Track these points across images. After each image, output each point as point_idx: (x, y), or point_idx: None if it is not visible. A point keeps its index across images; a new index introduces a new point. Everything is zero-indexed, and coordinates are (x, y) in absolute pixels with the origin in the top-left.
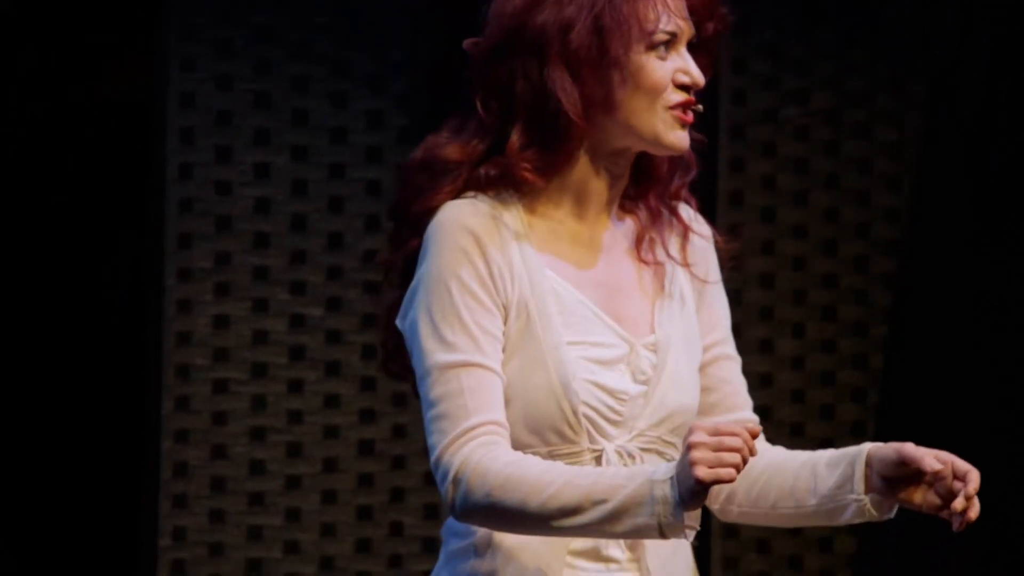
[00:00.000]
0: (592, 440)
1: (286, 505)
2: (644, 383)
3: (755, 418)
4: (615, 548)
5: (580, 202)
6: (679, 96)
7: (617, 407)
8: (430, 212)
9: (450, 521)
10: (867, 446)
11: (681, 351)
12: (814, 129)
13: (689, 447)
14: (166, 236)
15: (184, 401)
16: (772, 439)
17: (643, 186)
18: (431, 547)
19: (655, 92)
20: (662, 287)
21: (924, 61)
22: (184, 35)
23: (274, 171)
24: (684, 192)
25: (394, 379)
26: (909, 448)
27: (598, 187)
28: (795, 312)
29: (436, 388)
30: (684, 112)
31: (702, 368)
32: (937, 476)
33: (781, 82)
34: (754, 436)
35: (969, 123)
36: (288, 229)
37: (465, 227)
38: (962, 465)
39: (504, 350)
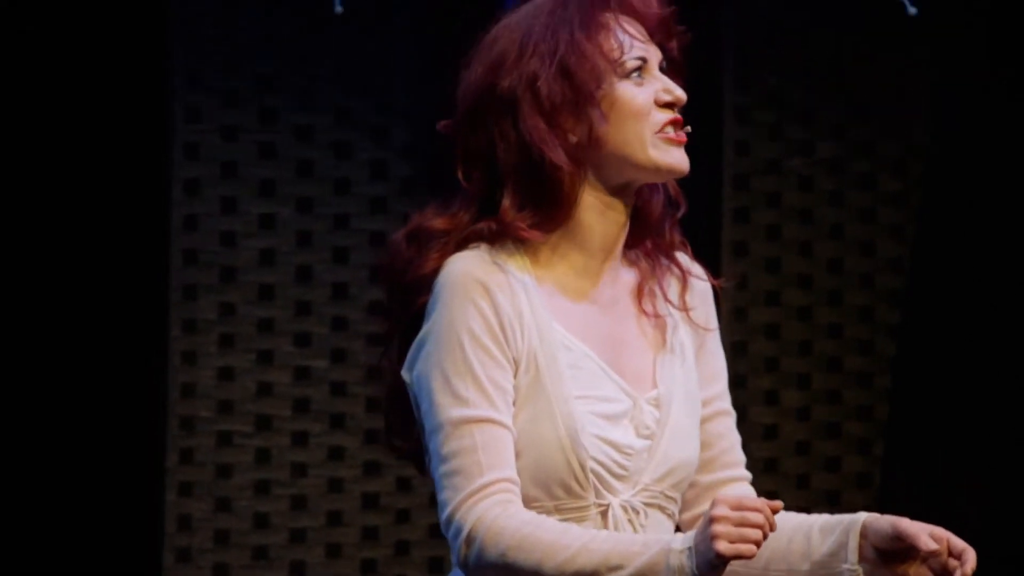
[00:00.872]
0: (598, 495)
1: (291, 559)
2: (648, 438)
3: (748, 475)
4: None
5: (585, 251)
6: (665, 115)
7: (623, 462)
8: (421, 279)
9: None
10: (863, 516)
11: (682, 405)
12: (818, 179)
13: (711, 520)
14: (170, 287)
15: (188, 453)
16: (778, 491)
17: (639, 232)
18: None
19: (639, 117)
20: (664, 340)
21: (927, 110)
22: (189, 85)
23: (279, 222)
24: (678, 236)
25: (399, 457)
26: (905, 523)
27: (602, 233)
28: (801, 363)
29: (449, 443)
30: (675, 132)
31: (700, 423)
32: (932, 554)
33: (785, 132)
34: (775, 511)
35: (971, 171)
36: (293, 280)
37: (474, 278)
38: (958, 543)
39: (514, 403)
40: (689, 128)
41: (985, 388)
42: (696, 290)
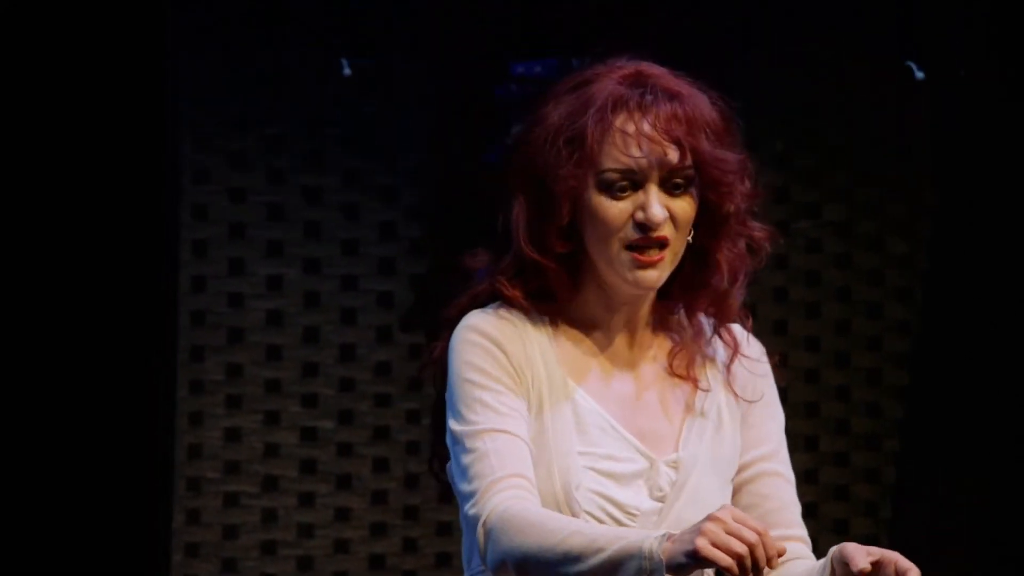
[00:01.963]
0: None
1: None
2: (660, 500)
3: (803, 536)
4: None
5: (605, 318)
6: (636, 234)
7: (626, 522)
8: (451, 319)
9: None
10: (835, 547)
11: (708, 471)
12: (825, 241)
13: (707, 517)
14: (178, 348)
15: (195, 514)
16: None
17: (693, 304)
18: None
19: (607, 232)
20: (695, 405)
21: (934, 171)
22: (197, 146)
23: (286, 283)
24: (736, 308)
25: (437, 480)
26: (849, 547)
27: (615, 308)
28: (808, 425)
29: (464, 458)
30: (641, 253)
31: (743, 485)
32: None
33: (792, 194)
34: (780, 554)
35: (978, 234)
36: (300, 341)
37: (481, 331)
38: (904, 564)
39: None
40: (663, 248)
41: (992, 451)
42: (744, 364)
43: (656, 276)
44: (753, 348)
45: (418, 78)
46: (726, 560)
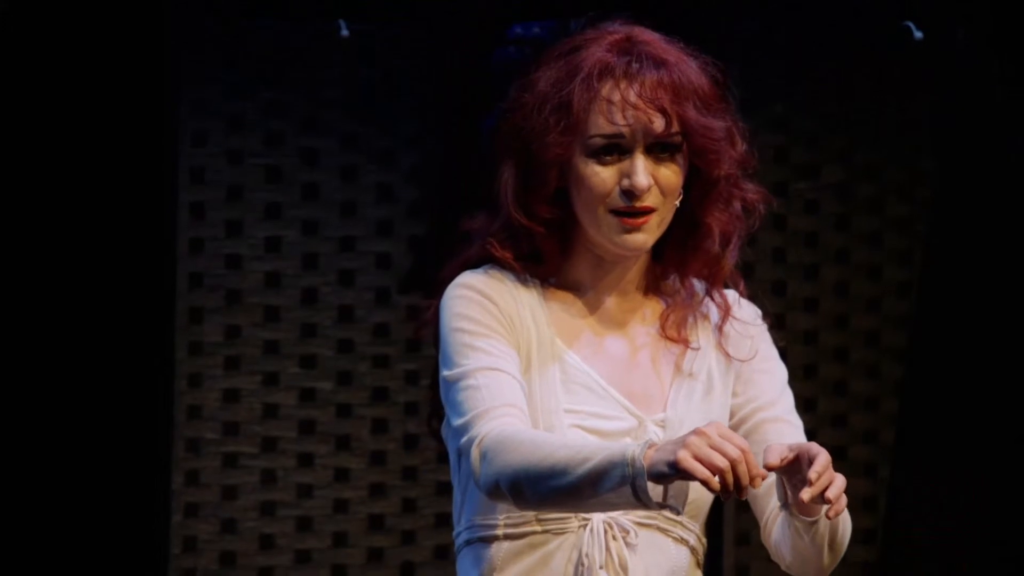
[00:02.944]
0: None
1: None
2: None
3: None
4: None
5: (595, 281)
6: (622, 202)
7: None
8: (443, 282)
9: None
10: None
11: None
12: (824, 203)
13: (693, 431)
14: (176, 310)
15: (194, 475)
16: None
17: (682, 261)
18: None
19: (593, 197)
20: (685, 367)
21: (934, 135)
22: (195, 110)
23: (284, 245)
24: (729, 271)
25: (436, 439)
26: (768, 449)
27: (604, 273)
28: (806, 387)
29: (456, 396)
30: (631, 217)
31: (747, 436)
32: (788, 469)
33: (791, 156)
34: (763, 476)
35: (978, 196)
36: (298, 303)
37: (471, 286)
38: (815, 450)
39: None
40: (651, 212)
41: (993, 411)
42: (737, 326)
43: (643, 239)
44: (746, 311)
45: (417, 42)
46: (704, 473)
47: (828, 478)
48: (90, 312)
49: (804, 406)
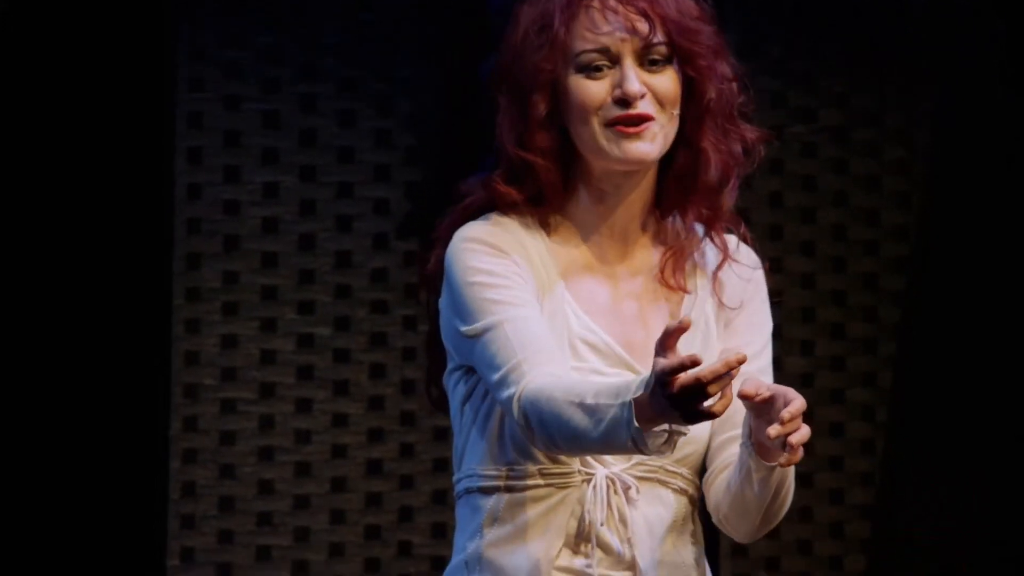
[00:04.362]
0: (584, 463)
1: (294, 525)
2: None
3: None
4: (603, 565)
5: (596, 227)
6: (617, 111)
7: None
8: (444, 235)
9: (455, 537)
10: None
11: None
12: (821, 147)
13: (663, 396)
14: (174, 256)
15: (192, 421)
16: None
17: (682, 203)
18: (439, 566)
19: (585, 112)
20: (682, 315)
21: (932, 79)
22: (192, 56)
23: (282, 191)
24: (728, 214)
25: (436, 408)
26: (745, 384)
27: (605, 214)
28: (804, 330)
29: (484, 350)
30: (628, 125)
31: None
32: (760, 404)
33: (788, 99)
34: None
35: (977, 140)
36: (296, 249)
37: (476, 239)
38: (791, 395)
39: None
40: (649, 119)
41: (992, 355)
42: (734, 270)
43: (645, 148)
44: (745, 256)
45: None
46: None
47: (797, 424)
48: (88, 256)
49: (802, 349)
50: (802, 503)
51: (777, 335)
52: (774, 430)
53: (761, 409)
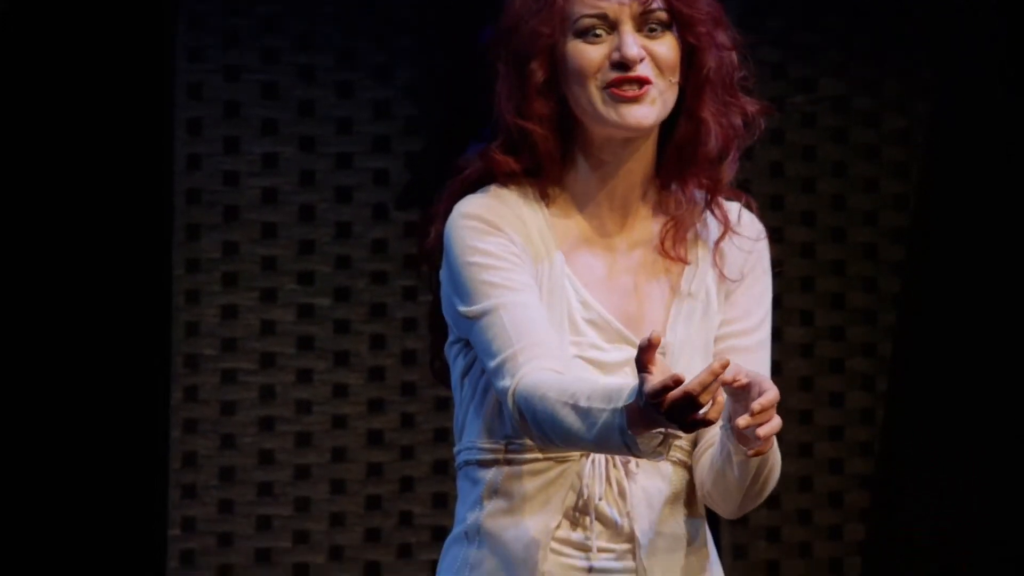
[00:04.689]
0: None
1: (295, 495)
2: None
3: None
4: (602, 538)
5: (595, 199)
6: (614, 74)
7: None
8: (443, 208)
9: (456, 508)
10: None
11: (696, 354)
12: (821, 116)
13: (656, 409)
14: (174, 227)
15: (193, 391)
16: (781, 427)
17: (680, 173)
18: (440, 536)
19: (583, 76)
20: (682, 287)
21: (932, 49)
22: (192, 25)
23: (282, 161)
24: (729, 186)
25: (439, 381)
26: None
27: (603, 183)
28: (803, 300)
29: (481, 335)
30: (624, 88)
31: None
32: (741, 394)
33: (788, 69)
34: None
35: (977, 110)
36: (296, 219)
37: (477, 216)
38: (766, 385)
39: None
40: (648, 84)
41: (991, 323)
42: (735, 241)
43: (643, 113)
44: (748, 226)
45: None
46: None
47: (768, 416)
48: (88, 228)
49: (802, 319)
50: (802, 473)
51: (777, 305)
52: (743, 420)
53: (739, 395)
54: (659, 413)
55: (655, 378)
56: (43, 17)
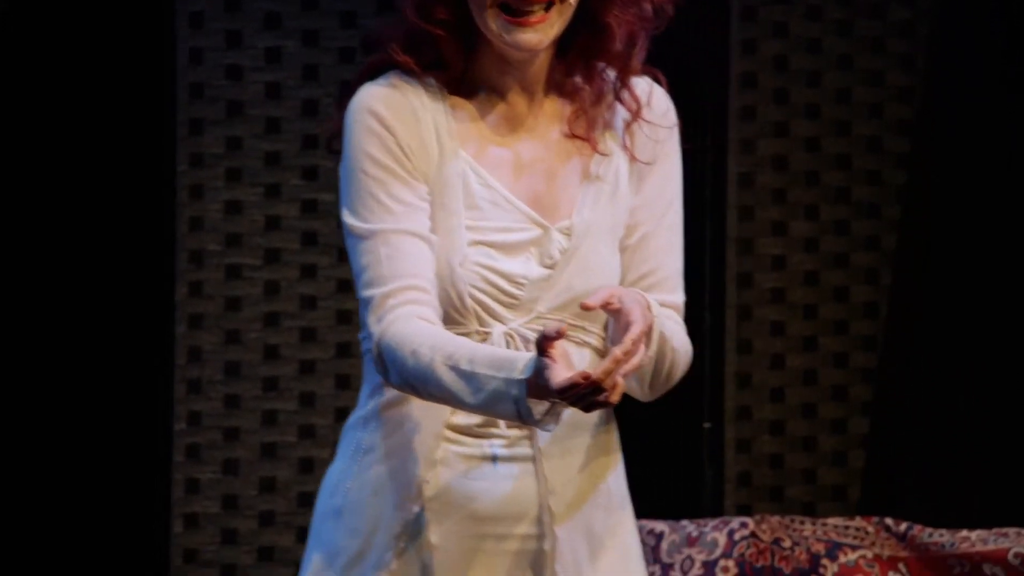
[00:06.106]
0: (481, 323)
1: (300, 389)
2: (551, 267)
3: (677, 303)
4: (499, 426)
5: (500, 79)
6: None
7: (513, 291)
8: (350, 90)
9: (360, 392)
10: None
11: (601, 237)
12: (826, 9)
13: (559, 392)
14: (177, 122)
15: (197, 286)
16: (786, 321)
17: (589, 54)
18: None
19: None
20: (591, 170)
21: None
22: None
23: (284, 56)
24: (642, 65)
25: None
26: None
27: (511, 71)
28: (808, 194)
29: (360, 259)
30: (513, 15)
31: (626, 250)
32: (612, 313)
33: (790, 28)
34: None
35: (977, 44)
36: (299, 114)
37: (369, 109)
38: (636, 316)
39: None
40: (539, 11)
41: (997, 216)
42: (647, 125)
43: (536, 39)
44: (657, 107)
45: None
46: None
47: (628, 359)
48: (90, 125)
49: (806, 213)
50: (806, 366)
51: (782, 199)
52: (599, 370)
53: (618, 316)
54: (559, 396)
55: (561, 370)
56: (36, 25)
